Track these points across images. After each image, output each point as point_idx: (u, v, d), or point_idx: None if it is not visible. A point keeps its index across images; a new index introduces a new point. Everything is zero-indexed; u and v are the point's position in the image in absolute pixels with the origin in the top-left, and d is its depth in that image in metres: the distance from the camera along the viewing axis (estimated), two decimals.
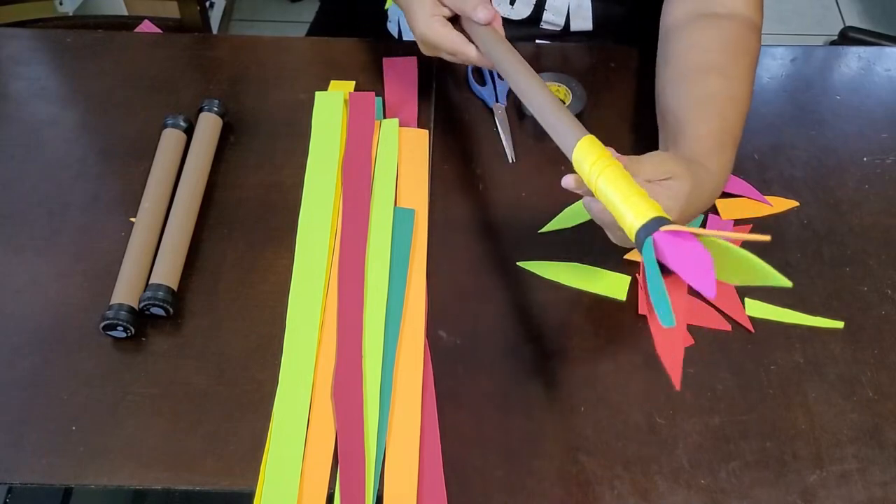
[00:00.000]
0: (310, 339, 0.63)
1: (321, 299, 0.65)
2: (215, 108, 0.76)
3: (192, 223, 0.69)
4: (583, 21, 0.88)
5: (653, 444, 0.59)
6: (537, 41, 0.90)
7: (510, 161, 0.76)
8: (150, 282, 0.64)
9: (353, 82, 0.81)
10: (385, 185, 0.72)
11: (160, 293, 0.63)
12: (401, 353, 0.62)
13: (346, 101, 0.79)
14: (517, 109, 0.80)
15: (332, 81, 0.81)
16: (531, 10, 0.87)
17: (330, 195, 0.71)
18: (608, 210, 0.52)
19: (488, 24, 0.65)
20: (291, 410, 0.59)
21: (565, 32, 0.89)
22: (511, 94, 0.81)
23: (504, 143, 0.77)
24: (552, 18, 0.88)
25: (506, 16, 0.88)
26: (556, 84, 0.80)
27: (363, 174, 0.73)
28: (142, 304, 0.63)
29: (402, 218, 0.70)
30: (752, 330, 0.65)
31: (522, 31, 0.89)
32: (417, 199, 0.72)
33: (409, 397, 0.60)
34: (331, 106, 0.78)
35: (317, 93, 0.79)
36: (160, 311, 0.63)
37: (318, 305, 0.65)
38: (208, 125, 0.75)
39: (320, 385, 0.61)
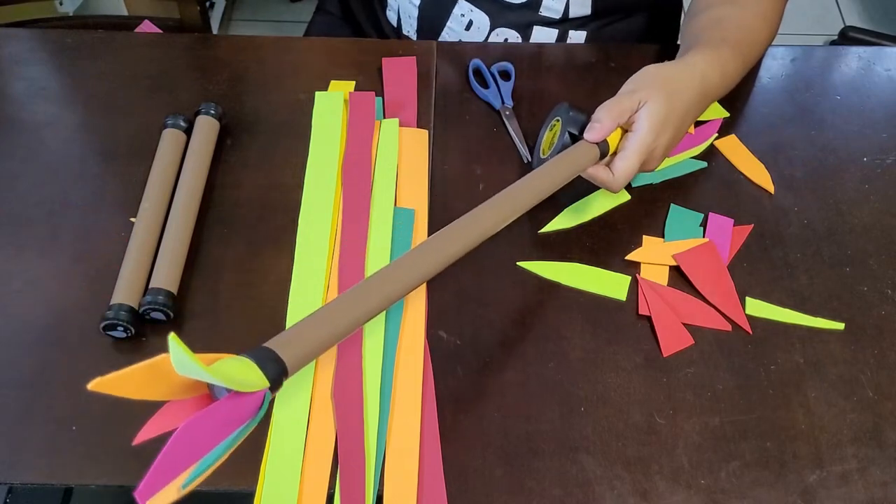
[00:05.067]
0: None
1: (321, 300, 0.65)
2: (212, 112, 0.75)
3: (192, 225, 0.69)
4: (582, 7, 0.88)
5: (653, 444, 0.59)
6: (535, 27, 0.90)
7: (525, 161, 0.76)
8: (150, 286, 0.64)
9: (354, 82, 0.81)
10: (385, 185, 0.72)
11: (160, 298, 0.63)
12: (401, 354, 0.62)
13: (346, 101, 0.79)
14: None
15: (332, 81, 0.81)
16: None
17: (330, 195, 0.71)
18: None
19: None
20: (291, 411, 0.59)
21: (564, 19, 0.89)
22: (516, 95, 0.81)
23: (517, 143, 0.77)
24: (552, 4, 0.87)
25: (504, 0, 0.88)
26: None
27: (363, 174, 0.73)
28: (142, 309, 0.63)
29: (402, 218, 0.70)
30: (751, 332, 0.65)
31: (520, 17, 0.89)
32: (417, 199, 0.72)
33: (409, 398, 0.60)
34: (331, 106, 0.78)
35: (317, 93, 0.79)
36: (161, 316, 0.63)
37: (318, 306, 0.65)
38: (205, 128, 0.75)
39: (320, 385, 0.61)
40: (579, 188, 0.73)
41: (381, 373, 0.61)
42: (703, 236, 0.70)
